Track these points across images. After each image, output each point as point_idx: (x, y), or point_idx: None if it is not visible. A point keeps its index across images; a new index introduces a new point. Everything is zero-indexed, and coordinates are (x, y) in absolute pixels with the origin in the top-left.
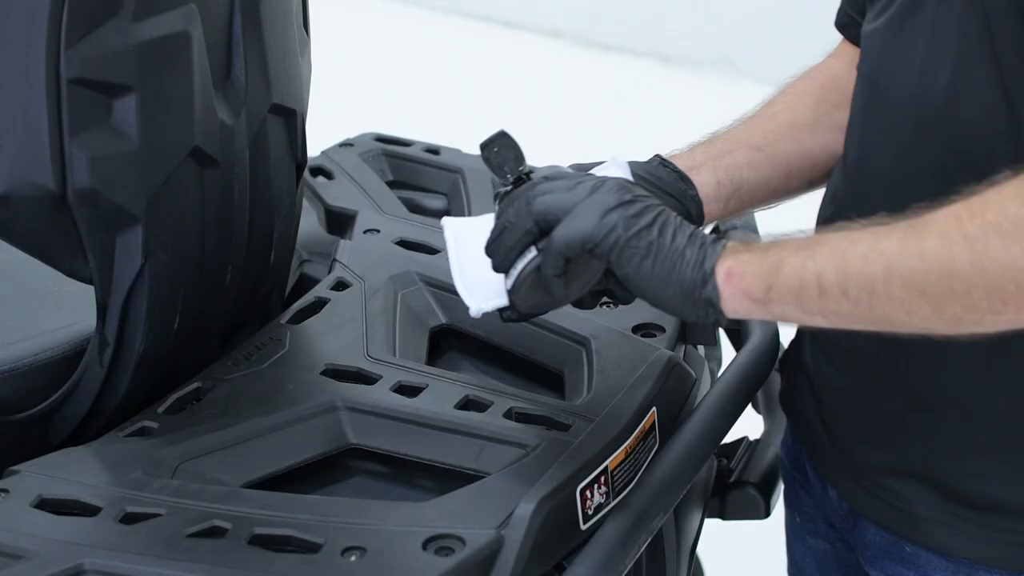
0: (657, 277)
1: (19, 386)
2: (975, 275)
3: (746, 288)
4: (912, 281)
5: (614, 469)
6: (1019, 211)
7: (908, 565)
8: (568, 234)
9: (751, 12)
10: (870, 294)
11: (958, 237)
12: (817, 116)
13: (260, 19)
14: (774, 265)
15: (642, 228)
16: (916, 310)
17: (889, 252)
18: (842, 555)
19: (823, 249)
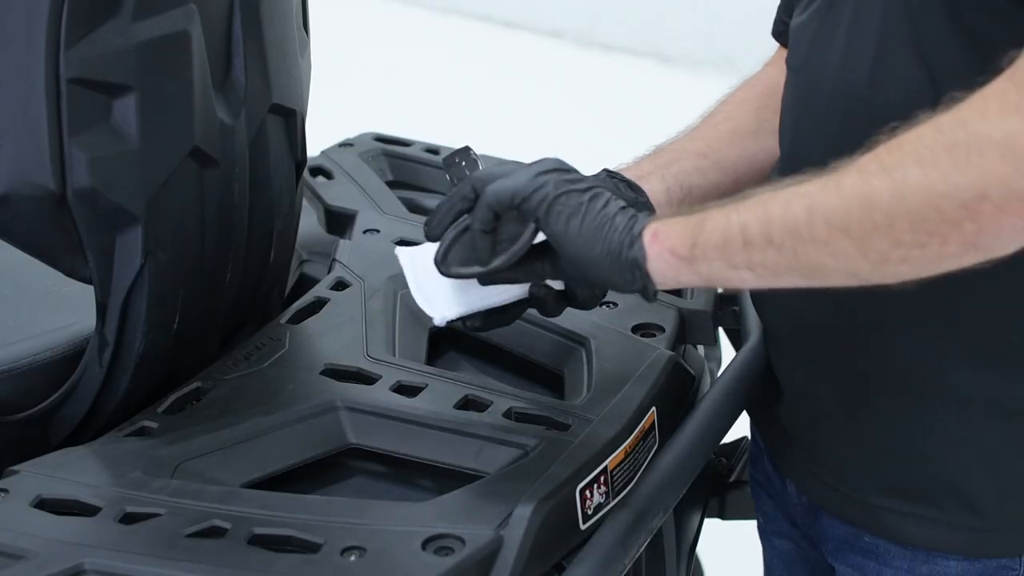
0: (584, 237)
1: (19, 386)
2: (896, 204)
3: (672, 246)
4: (834, 219)
5: (614, 469)
6: (934, 138)
7: (868, 555)
8: (498, 188)
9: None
10: (794, 239)
11: (877, 170)
12: (759, 122)
13: (260, 19)
14: (699, 222)
15: (573, 190)
16: (841, 250)
17: (810, 193)
18: (807, 554)
19: (747, 202)
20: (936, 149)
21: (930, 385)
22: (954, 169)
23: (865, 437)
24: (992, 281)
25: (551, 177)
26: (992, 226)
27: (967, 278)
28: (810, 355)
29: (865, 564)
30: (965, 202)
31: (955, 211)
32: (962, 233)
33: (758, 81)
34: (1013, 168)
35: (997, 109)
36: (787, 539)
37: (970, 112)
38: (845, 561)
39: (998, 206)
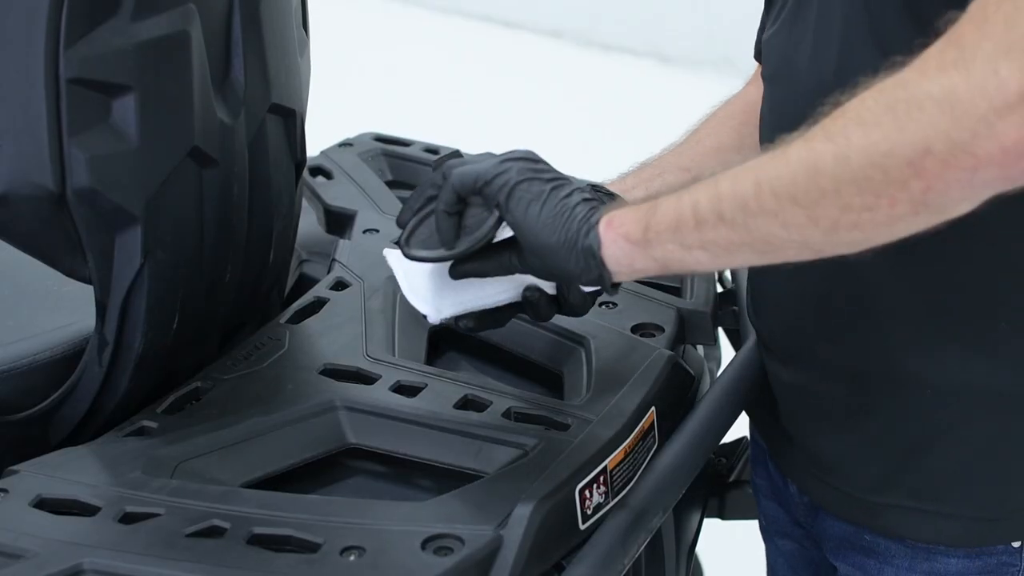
0: (543, 224)
1: (18, 386)
2: (840, 169)
3: (625, 232)
4: (781, 188)
5: (613, 469)
6: (876, 100)
7: (869, 554)
8: (463, 171)
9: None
10: (744, 212)
11: (821, 136)
12: (741, 137)
13: (259, 19)
14: (651, 206)
15: (536, 178)
16: (791, 220)
17: (758, 166)
18: (810, 554)
19: (698, 184)
20: (877, 110)
21: (925, 380)
22: (896, 128)
23: (863, 435)
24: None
25: (516, 164)
26: (938, 182)
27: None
28: (804, 357)
29: (866, 563)
30: (909, 159)
31: (900, 169)
32: (909, 192)
33: (739, 99)
34: (953, 121)
35: (936, 66)
36: (790, 539)
37: (910, 72)
38: (846, 560)
39: (942, 160)
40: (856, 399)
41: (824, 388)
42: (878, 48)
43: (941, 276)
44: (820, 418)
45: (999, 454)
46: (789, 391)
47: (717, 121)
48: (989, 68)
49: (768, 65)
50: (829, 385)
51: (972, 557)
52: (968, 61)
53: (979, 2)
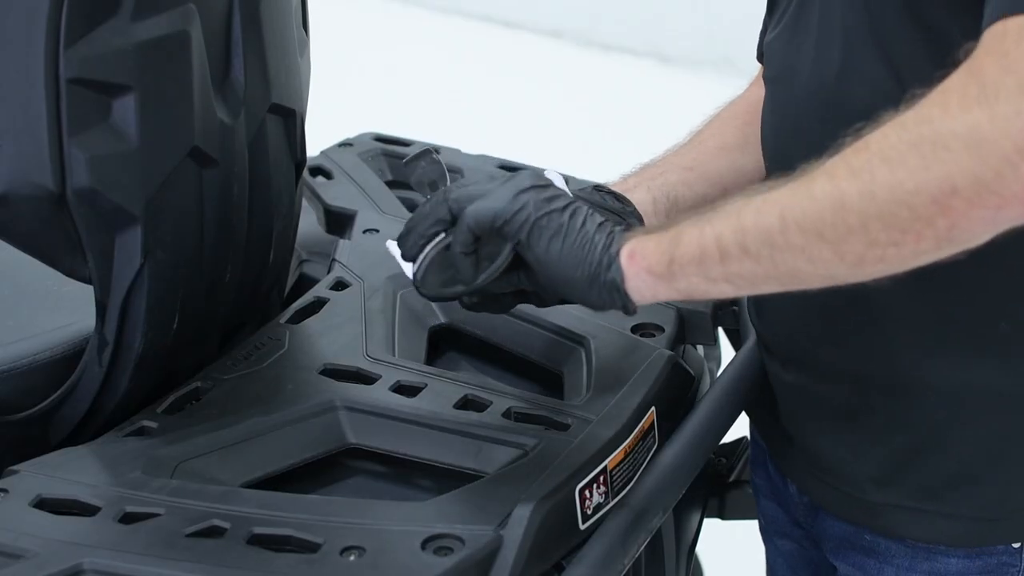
0: (565, 259)
1: (18, 386)
2: (867, 205)
3: (648, 265)
4: (807, 224)
5: (613, 469)
6: (900, 137)
7: (869, 553)
8: (479, 210)
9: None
10: (770, 247)
11: (845, 173)
12: (745, 136)
13: (259, 19)
14: (674, 237)
15: (553, 210)
16: (817, 255)
17: (781, 200)
18: (810, 554)
19: (719, 214)
20: (902, 148)
21: (926, 382)
22: (922, 166)
23: (864, 436)
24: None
25: (530, 196)
26: (964, 220)
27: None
28: (806, 360)
29: (866, 563)
30: (935, 197)
31: (926, 207)
32: (935, 229)
33: (743, 100)
34: (979, 161)
35: (958, 102)
36: (790, 539)
37: (932, 108)
38: (846, 560)
39: (968, 199)
40: (857, 400)
41: (825, 389)
42: (879, 50)
43: (943, 285)
44: (821, 418)
45: (999, 454)
46: (790, 392)
47: (721, 121)
48: (1012, 108)
49: (770, 67)
50: (830, 387)
51: (972, 557)
52: (991, 99)
53: (997, 32)
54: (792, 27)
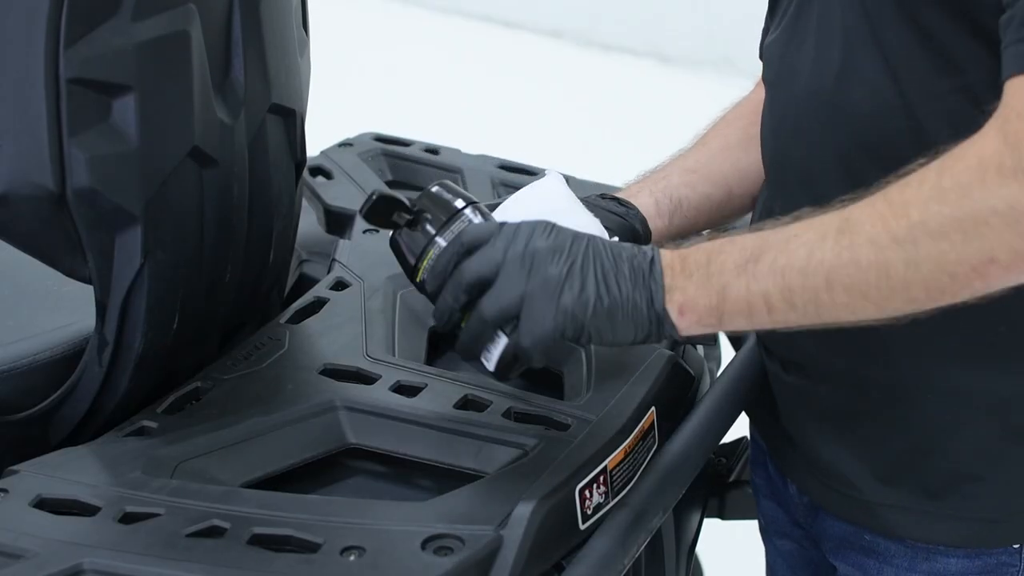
0: (621, 334)
1: (18, 386)
2: (911, 274)
3: (699, 319)
4: (853, 288)
5: (613, 469)
6: (941, 209)
7: (869, 553)
8: (535, 339)
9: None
10: (816, 304)
11: (889, 241)
12: (748, 137)
13: (259, 19)
14: (720, 292)
15: (594, 300)
16: (860, 310)
17: (826, 263)
18: (810, 554)
19: (761, 268)
20: (944, 222)
21: (927, 386)
22: (963, 240)
23: (864, 437)
24: None
25: (569, 300)
26: (999, 282)
27: None
28: (806, 363)
29: (866, 563)
30: (975, 267)
31: (966, 275)
32: (972, 290)
33: (748, 101)
34: (1017, 235)
35: (995, 176)
36: (790, 539)
37: (970, 178)
38: (846, 560)
39: (1005, 266)
40: (857, 402)
41: (825, 391)
42: (877, 52)
43: None
44: (820, 419)
45: (999, 456)
46: (790, 393)
47: (725, 123)
48: None
49: (770, 70)
50: (830, 389)
51: (972, 557)
52: None
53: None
54: (791, 29)
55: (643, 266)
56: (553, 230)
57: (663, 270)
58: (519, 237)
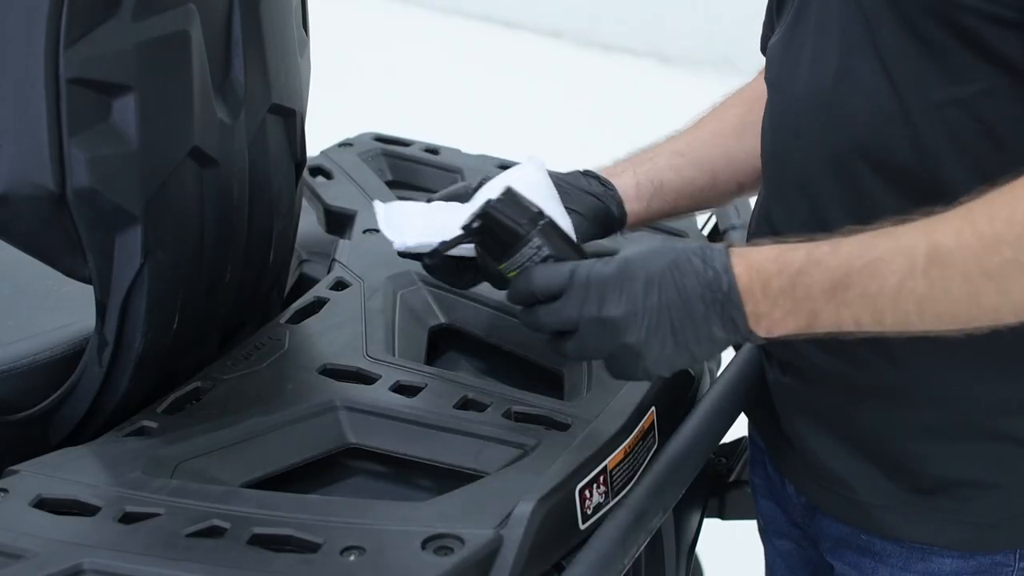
0: (702, 361)
1: (18, 386)
2: (1001, 300)
3: (784, 335)
4: (944, 314)
5: (613, 469)
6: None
7: (865, 553)
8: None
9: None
10: (905, 325)
11: (981, 275)
12: (743, 124)
13: (259, 19)
14: (809, 316)
15: (674, 356)
16: (947, 329)
17: (918, 293)
18: (808, 554)
19: (852, 294)
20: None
21: (923, 390)
22: None
23: (860, 440)
24: None
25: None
26: None
27: None
28: (804, 368)
29: (862, 562)
30: None
31: None
32: None
33: (748, 89)
34: None
35: None
36: (788, 539)
37: None
38: (842, 559)
39: None
40: (854, 407)
41: (822, 395)
42: (876, 58)
43: None
44: (817, 422)
45: (996, 461)
46: (787, 395)
47: (723, 108)
48: None
49: (770, 70)
50: (827, 393)
51: (967, 557)
52: None
53: None
54: (791, 30)
55: (719, 298)
56: (624, 293)
57: (742, 297)
58: (591, 298)
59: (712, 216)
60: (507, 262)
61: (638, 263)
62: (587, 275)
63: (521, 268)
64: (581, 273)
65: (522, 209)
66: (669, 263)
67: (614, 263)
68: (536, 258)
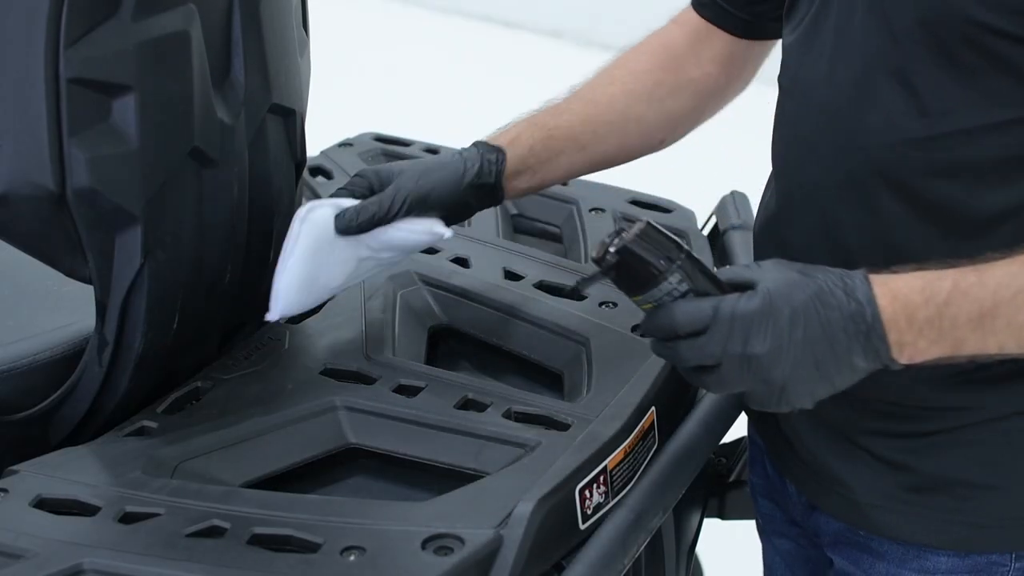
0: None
1: (18, 386)
2: None
3: (925, 361)
4: None
5: (613, 469)
6: None
7: (863, 549)
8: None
9: None
10: None
11: None
12: (649, 104)
13: (259, 19)
14: (955, 344)
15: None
16: None
17: None
18: (808, 552)
19: (999, 323)
20: None
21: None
22: None
23: (859, 444)
24: None
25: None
26: None
27: None
28: None
29: (860, 558)
30: None
31: None
32: None
33: (661, 48)
34: None
35: None
36: (787, 538)
37: None
38: (841, 554)
39: None
40: (854, 416)
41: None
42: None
43: None
44: (816, 426)
45: (994, 465)
46: None
47: (632, 77)
48: None
49: (785, 73)
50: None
51: (962, 556)
52: None
53: None
54: (808, 34)
55: (862, 329)
56: (769, 330)
57: (886, 327)
58: (735, 335)
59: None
60: (643, 296)
61: (782, 297)
62: (731, 312)
63: (658, 302)
64: (725, 310)
65: (660, 245)
66: (812, 296)
67: (758, 298)
68: (675, 293)
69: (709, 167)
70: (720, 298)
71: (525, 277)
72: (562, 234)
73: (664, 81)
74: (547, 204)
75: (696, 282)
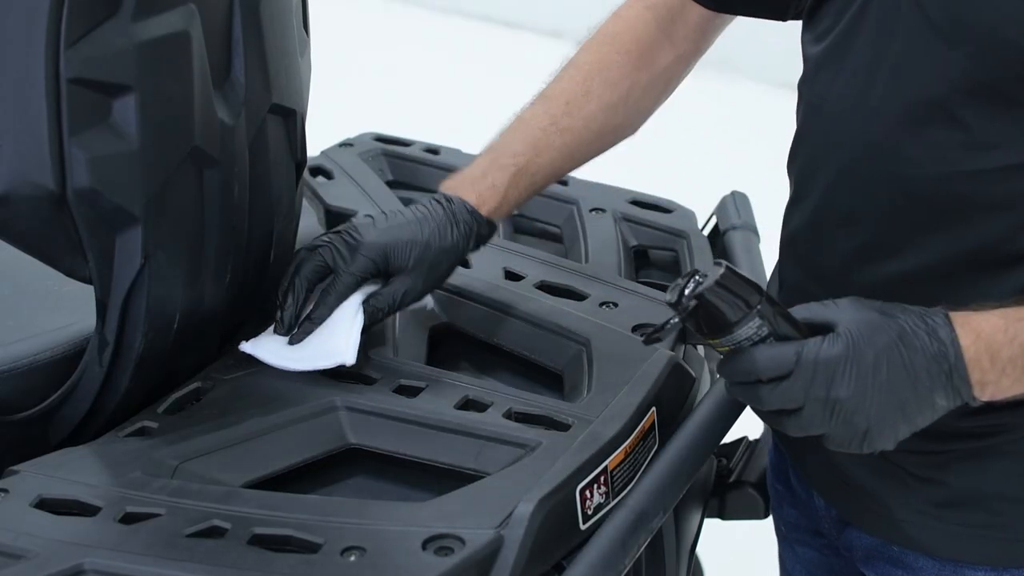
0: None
1: (19, 386)
2: None
3: (1006, 398)
4: None
5: (614, 469)
6: None
7: (897, 564)
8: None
9: None
10: None
11: None
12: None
13: (260, 19)
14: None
15: (898, 433)
16: None
17: None
18: (831, 561)
19: None
20: None
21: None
22: None
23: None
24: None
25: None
26: None
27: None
28: None
29: (894, 572)
30: None
31: None
32: None
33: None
34: None
35: None
36: (811, 548)
37: None
38: (875, 569)
39: None
40: None
41: None
42: (951, 121)
43: None
44: None
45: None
46: None
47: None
48: None
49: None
50: None
51: (999, 571)
52: None
53: None
54: (839, 50)
55: (944, 369)
56: (852, 375)
57: (969, 367)
58: (818, 380)
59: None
60: (721, 339)
61: (865, 340)
62: (815, 358)
63: (736, 346)
64: (808, 356)
65: (739, 290)
66: (896, 339)
67: (840, 342)
68: (755, 338)
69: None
70: (802, 343)
71: (525, 277)
72: (562, 234)
73: (638, 81)
74: (547, 204)
75: (776, 326)
